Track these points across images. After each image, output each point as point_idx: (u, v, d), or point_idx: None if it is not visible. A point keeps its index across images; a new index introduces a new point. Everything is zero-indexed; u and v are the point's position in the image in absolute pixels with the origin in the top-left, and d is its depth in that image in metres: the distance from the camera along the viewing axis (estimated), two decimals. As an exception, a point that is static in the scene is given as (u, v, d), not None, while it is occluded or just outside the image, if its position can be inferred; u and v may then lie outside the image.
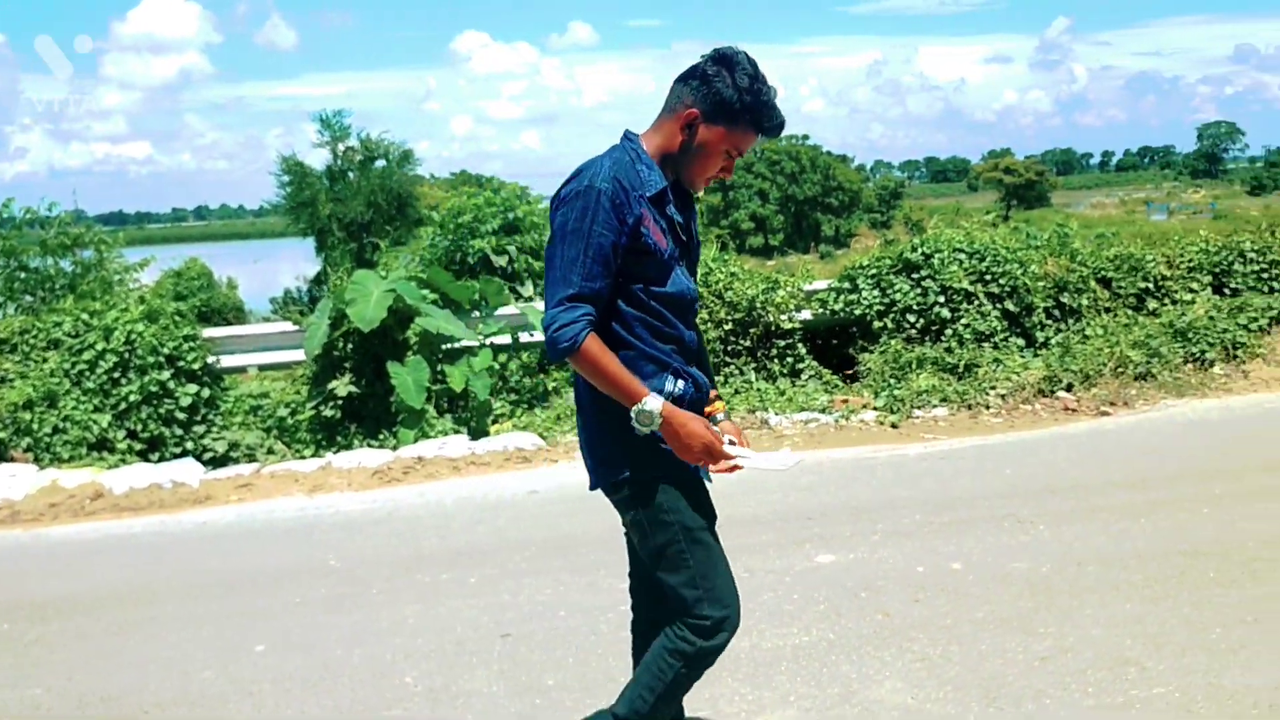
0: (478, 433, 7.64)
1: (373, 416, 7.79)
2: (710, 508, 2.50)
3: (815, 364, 8.94)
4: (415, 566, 4.85)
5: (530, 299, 10.11)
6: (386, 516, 5.72)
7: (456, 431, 7.55)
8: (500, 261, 10.52)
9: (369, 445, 7.40)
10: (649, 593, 2.68)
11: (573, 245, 2.25)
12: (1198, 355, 8.20)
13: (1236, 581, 4.18)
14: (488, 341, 8.41)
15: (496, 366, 8.75)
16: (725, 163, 2.42)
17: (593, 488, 2.52)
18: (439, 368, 7.98)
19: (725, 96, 2.31)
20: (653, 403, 2.24)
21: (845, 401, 7.72)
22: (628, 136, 2.43)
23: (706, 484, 2.52)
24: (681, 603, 2.41)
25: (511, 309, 8.89)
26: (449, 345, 8.23)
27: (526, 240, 10.87)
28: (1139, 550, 4.58)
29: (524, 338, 8.84)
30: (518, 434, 7.23)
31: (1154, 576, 4.26)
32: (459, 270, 10.41)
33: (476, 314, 8.70)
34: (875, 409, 7.51)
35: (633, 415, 2.26)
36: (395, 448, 7.17)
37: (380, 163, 32.35)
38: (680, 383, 2.41)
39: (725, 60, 2.34)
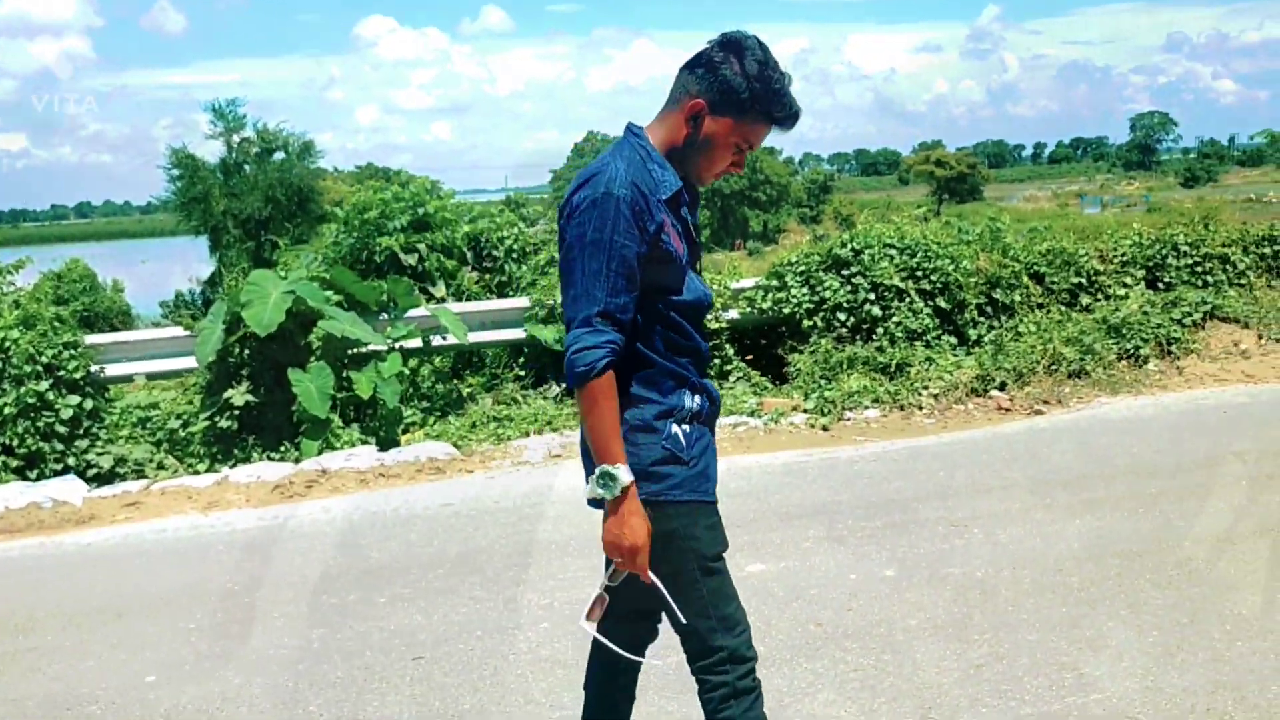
0: (387, 443, 7.56)
1: (272, 427, 7.66)
2: (724, 534, 2.44)
3: (743, 365, 9.02)
4: (320, 587, 4.78)
5: (442, 300, 10.04)
6: (288, 534, 5.63)
7: (364, 442, 7.46)
8: (410, 260, 10.43)
9: (269, 458, 7.27)
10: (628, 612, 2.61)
11: (594, 257, 2.17)
12: (1132, 351, 8.45)
13: (1173, 582, 4.31)
14: (397, 345, 8.33)
15: (406, 372, 8.67)
16: (735, 157, 2.34)
17: (594, 503, 2.39)
18: (344, 374, 7.88)
19: (733, 85, 2.24)
20: (624, 475, 2.18)
21: (771, 405, 7.80)
22: (633, 131, 2.34)
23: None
24: (689, 633, 2.37)
25: (422, 311, 8.81)
26: (355, 350, 8.13)
27: (437, 238, 10.80)
28: (1074, 552, 4.70)
29: (436, 341, 8.77)
30: (430, 443, 7.17)
31: (1090, 578, 4.38)
32: (365, 270, 10.30)
33: (384, 316, 8.61)
34: (805, 411, 7.60)
35: (596, 474, 2.19)
36: (297, 460, 7.06)
37: (279, 155, 31.76)
38: (697, 398, 2.36)
39: (733, 46, 2.27)
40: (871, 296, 9.03)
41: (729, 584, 2.41)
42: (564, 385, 9.11)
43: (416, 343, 8.67)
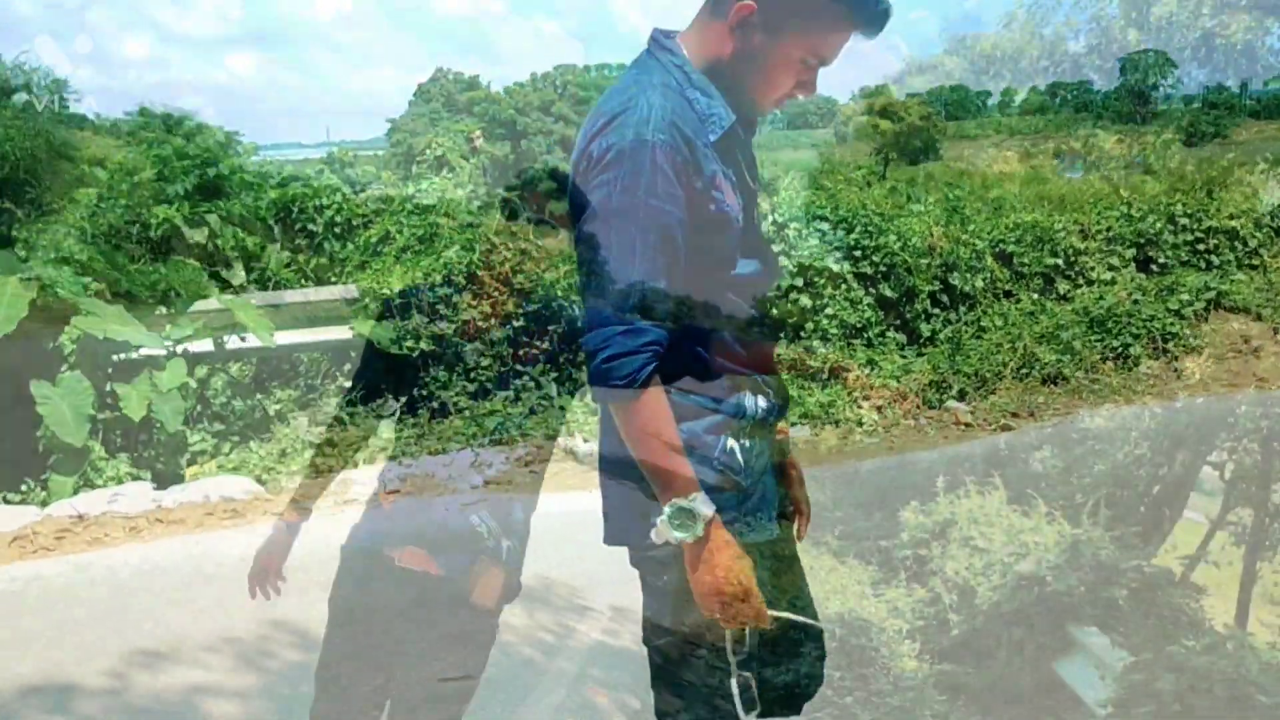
0: (167, 478, 7.44)
1: (11, 460, 7.49)
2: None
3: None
4: (77, 671, 4.68)
5: (241, 289, 9.89)
6: (32, 601, 5.51)
7: (136, 477, 7.33)
8: (197, 237, 10.26)
9: (5, 501, 7.12)
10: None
11: (624, 230, 2.06)
12: (1119, 350, 8.71)
13: (1170, 637, 4.46)
14: (179, 349, 8.18)
15: (193, 384, 8.52)
16: (803, 75, 2.21)
17: (613, 542, 2.31)
18: (109, 387, 7.73)
19: None
20: (705, 506, 2.07)
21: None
22: (661, 44, 2.22)
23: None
24: (696, 696, 2.29)
25: (214, 303, 8.68)
26: (122, 356, 7.97)
27: (234, 207, 10.64)
28: (1048, 601, 4.83)
29: (232, 343, 8.63)
30: (224, 478, 7.07)
31: (1058, 641, 4.50)
32: (137, 250, 10.11)
33: (163, 311, 8.45)
34: (715, 430, 7.67)
35: (666, 513, 2.09)
36: (45, 503, 6.91)
37: (20, 97, 31.00)
38: (760, 399, 2.27)
39: None
40: (799, 283, 9.14)
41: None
42: (403, 400, 9.06)
43: (206, 345, 8.53)
